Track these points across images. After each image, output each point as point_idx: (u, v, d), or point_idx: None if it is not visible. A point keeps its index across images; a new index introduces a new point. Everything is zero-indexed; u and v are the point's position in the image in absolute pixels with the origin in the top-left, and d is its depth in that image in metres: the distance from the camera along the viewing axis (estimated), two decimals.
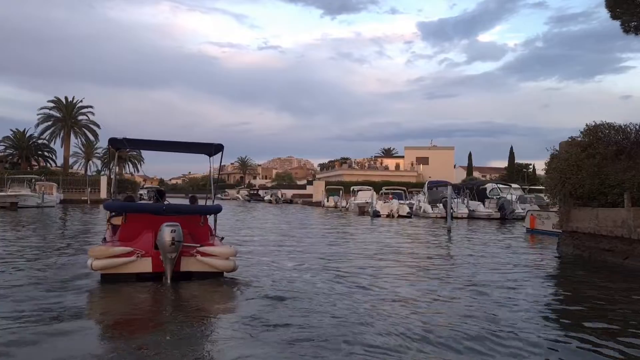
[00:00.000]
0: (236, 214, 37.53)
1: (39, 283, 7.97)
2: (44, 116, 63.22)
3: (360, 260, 11.51)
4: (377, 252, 13.22)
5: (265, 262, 10.92)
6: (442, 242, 17.06)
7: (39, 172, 54.03)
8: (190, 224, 8.41)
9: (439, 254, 13.56)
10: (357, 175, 68.01)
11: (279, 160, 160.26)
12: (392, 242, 16.39)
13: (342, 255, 12.44)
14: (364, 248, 14.32)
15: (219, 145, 9.49)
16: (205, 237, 8.63)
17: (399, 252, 13.72)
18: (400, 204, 35.07)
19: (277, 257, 11.89)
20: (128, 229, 8.32)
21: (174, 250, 7.56)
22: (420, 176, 71.40)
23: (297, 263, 10.95)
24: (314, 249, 13.87)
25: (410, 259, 12.09)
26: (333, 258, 11.87)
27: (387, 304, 6.97)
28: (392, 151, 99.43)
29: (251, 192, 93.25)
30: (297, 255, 12.20)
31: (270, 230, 21.29)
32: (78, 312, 6.26)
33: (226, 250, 8.20)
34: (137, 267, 7.81)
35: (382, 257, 12.23)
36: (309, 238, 17.41)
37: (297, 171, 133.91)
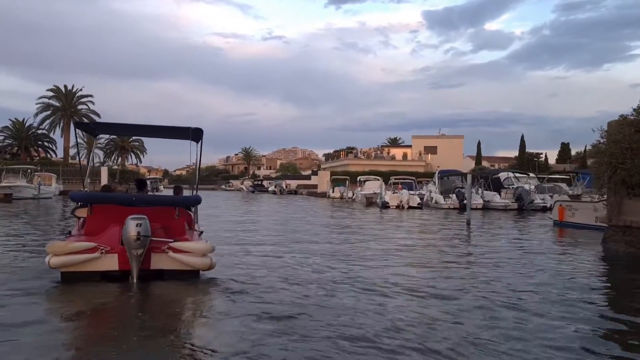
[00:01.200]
0: (238, 206, 36.08)
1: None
2: (43, 105, 61.92)
3: (375, 260, 9.97)
4: (393, 249, 11.68)
5: (255, 259, 9.86)
6: (462, 236, 15.50)
7: (37, 163, 52.63)
8: (164, 217, 7.64)
9: (465, 252, 12.00)
10: (364, 165, 66.40)
11: (283, 151, 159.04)
12: (406, 237, 14.85)
13: (352, 252, 10.89)
14: (377, 243, 12.77)
15: (198, 129, 8.55)
16: (181, 232, 7.75)
17: (417, 249, 12.17)
18: (411, 195, 33.42)
19: (271, 253, 10.61)
20: (94, 222, 7.53)
21: (139, 246, 6.79)
22: (428, 166, 69.69)
23: (294, 262, 9.53)
24: (317, 243, 12.35)
25: (432, 259, 10.52)
26: (341, 255, 10.37)
27: (410, 318, 5.43)
28: (398, 141, 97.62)
29: (255, 183, 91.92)
30: (295, 252, 10.74)
31: (270, 222, 19.78)
32: (24, 319, 5.40)
33: (201, 246, 7.30)
34: (102, 265, 6.99)
35: (400, 255, 10.68)
36: (312, 231, 15.89)
37: (301, 161, 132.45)
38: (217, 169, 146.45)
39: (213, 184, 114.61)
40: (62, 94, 62.59)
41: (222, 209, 30.98)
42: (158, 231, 7.29)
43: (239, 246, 11.87)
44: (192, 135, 8.82)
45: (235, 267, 8.95)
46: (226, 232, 15.35)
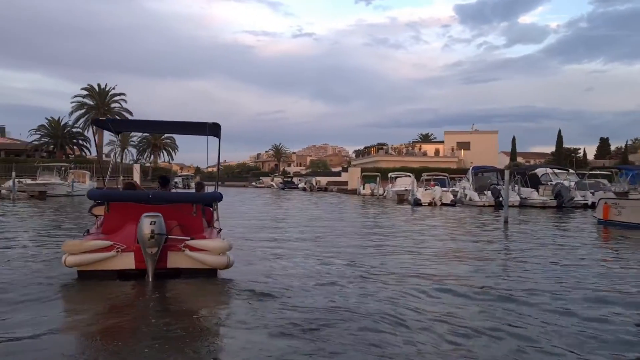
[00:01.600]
0: (267, 203, 35.79)
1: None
2: (77, 104, 63.00)
3: (410, 260, 9.35)
4: (429, 249, 11.02)
5: (281, 259, 9.42)
6: (500, 235, 14.72)
7: (72, 161, 53.50)
8: (181, 214, 7.45)
9: (505, 252, 11.27)
10: (394, 162, 65.43)
11: (313, 148, 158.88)
12: (442, 236, 14.14)
13: (385, 252, 10.29)
14: (411, 242, 12.13)
15: (215, 124, 8.39)
16: (198, 229, 7.55)
17: (454, 249, 11.46)
18: (444, 191, 32.49)
19: (297, 253, 10.16)
20: (111, 220, 7.41)
21: (154, 244, 6.63)
22: (461, 162, 68.26)
23: (318, 261, 9.05)
24: (348, 243, 11.78)
25: (470, 260, 9.82)
26: (372, 255, 9.77)
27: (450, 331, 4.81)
28: (430, 137, 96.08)
29: (285, 180, 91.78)
30: (322, 250, 10.19)
31: (298, 220, 19.29)
32: (37, 317, 5.34)
33: (218, 245, 7.07)
34: (118, 264, 6.88)
35: (436, 256, 10.03)
36: (342, 229, 15.33)
37: (331, 158, 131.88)
38: (248, 166, 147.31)
39: (244, 181, 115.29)
40: (95, 93, 63.62)
41: (251, 206, 30.70)
42: (175, 229, 7.11)
43: (263, 245, 11.45)
44: (209, 131, 8.62)
45: (258, 267, 8.56)
46: (252, 230, 14.97)
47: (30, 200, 32.02)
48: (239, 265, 8.09)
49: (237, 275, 7.54)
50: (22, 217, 19.58)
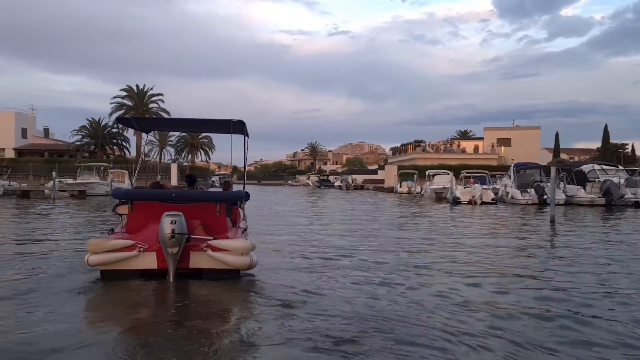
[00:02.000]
0: (301, 202, 35.39)
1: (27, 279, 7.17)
2: (116, 105, 64.18)
3: (452, 262, 8.69)
4: (473, 251, 10.33)
5: (311, 261, 8.90)
6: (547, 235, 13.84)
7: (109, 161, 54.47)
8: (204, 213, 7.34)
9: (556, 255, 10.46)
10: (432, 159, 64.06)
11: (350, 146, 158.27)
12: (485, 236, 13.36)
13: (424, 255, 9.65)
14: (452, 243, 11.43)
15: (239, 121, 8.23)
16: (222, 229, 7.40)
17: (500, 254, 10.71)
18: (484, 189, 31.38)
19: (330, 255, 9.63)
20: (135, 219, 7.34)
21: (174, 244, 6.50)
22: (501, 159, 66.36)
23: (351, 263, 8.47)
24: (385, 244, 11.17)
25: (521, 265, 9.09)
26: (411, 257, 9.14)
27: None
28: (469, 133, 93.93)
29: (321, 178, 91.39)
30: (355, 252, 9.62)
31: (333, 219, 18.75)
32: (58, 316, 5.34)
33: (241, 245, 6.94)
34: (140, 263, 6.83)
35: (481, 259, 9.34)
36: (379, 230, 14.71)
37: (368, 156, 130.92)
38: (284, 165, 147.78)
39: (280, 180, 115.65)
40: (134, 94, 64.71)
41: (285, 204, 30.38)
42: (198, 228, 7.03)
43: (292, 245, 10.99)
44: (233, 128, 8.47)
45: (287, 269, 8.11)
46: (282, 229, 14.51)
47: (70, 200, 32.58)
48: (266, 267, 7.89)
49: (263, 276, 7.32)
50: (58, 215, 19.73)
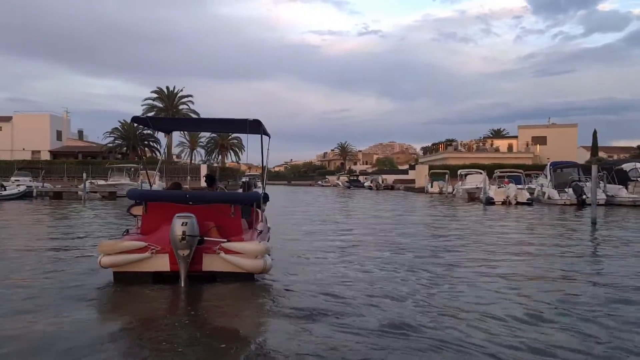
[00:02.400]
0: (329, 202, 34.83)
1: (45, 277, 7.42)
2: (147, 107, 64.89)
3: (488, 270, 8.01)
4: (509, 257, 9.60)
5: (335, 267, 8.41)
6: (589, 239, 12.95)
7: (140, 162, 54.99)
8: (218, 215, 7.24)
9: (598, 261, 9.64)
10: (464, 159, 62.64)
11: (380, 146, 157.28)
12: (522, 240, 12.57)
13: (458, 261, 8.98)
14: (488, 248, 10.70)
15: (256, 121, 8.06)
16: (237, 231, 7.27)
17: (539, 260, 9.95)
18: (519, 189, 30.23)
19: (355, 260, 9.11)
20: (150, 221, 7.28)
21: (185, 246, 6.36)
22: (537, 158, 64.39)
23: (378, 269, 7.98)
24: (415, 247, 10.52)
25: (564, 273, 8.34)
26: (444, 264, 8.51)
27: None
28: (502, 132, 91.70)
29: (351, 178, 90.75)
30: (383, 256, 9.03)
31: (362, 221, 18.13)
32: (69, 318, 5.31)
33: (254, 247, 6.72)
34: (153, 265, 6.73)
35: (519, 265, 8.63)
36: (409, 232, 14.04)
37: (398, 155, 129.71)
38: (314, 165, 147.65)
39: (310, 180, 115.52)
40: (164, 95, 65.31)
41: (313, 205, 29.89)
42: (212, 230, 6.93)
43: (316, 249, 10.47)
44: (249, 128, 8.31)
45: (309, 275, 7.62)
46: (307, 231, 13.99)
47: (101, 201, 32.85)
48: (287, 271, 7.75)
49: (283, 281, 7.11)
50: (88, 216, 19.71)
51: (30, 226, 16.11)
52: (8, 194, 32.99)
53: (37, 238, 12.59)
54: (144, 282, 6.64)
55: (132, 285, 6.59)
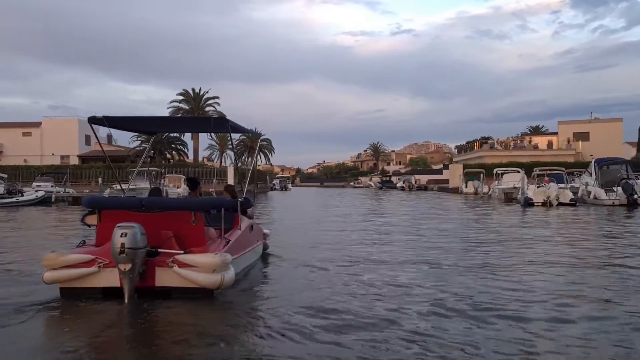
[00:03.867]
0: (359, 204, 32.80)
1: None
2: (173, 109, 64.28)
3: (530, 286, 6.02)
4: (553, 267, 7.54)
5: (341, 286, 7.02)
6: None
7: (162, 166, 54.42)
8: (177, 223, 6.67)
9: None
10: (501, 157, 59.69)
11: (415, 146, 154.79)
12: (567, 248, 10.40)
13: (489, 275, 6.99)
14: (528, 257, 8.63)
15: (220, 118, 7.83)
16: (199, 241, 6.65)
17: (594, 269, 7.83)
18: (561, 189, 27.61)
19: (365, 274, 7.78)
20: (104, 231, 6.66)
21: (125, 260, 5.83)
22: (578, 155, 60.90)
23: (393, 286, 6.66)
24: (438, 256, 8.55)
25: (618, 288, 6.26)
26: (468, 276, 6.57)
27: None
28: (540, 128, 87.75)
29: (383, 179, 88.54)
30: (400, 270, 7.20)
31: (388, 225, 16.14)
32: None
33: (208, 260, 6.12)
34: (101, 280, 6.22)
35: (565, 276, 6.60)
36: (435, 236, 12.02)
37: (432, 155, 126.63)
38: (347, 166, 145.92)
39: (342, 182, 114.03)
40: (190, 97, 64.58)
41: (340, 208, 27.97)
42: (169, 241, 6.40)
43: (321, 261, 8.83)
44: (214, 126, 7.92)
45: (307, 291, 6.71)
46: (316, 238, 12.13)
47: None
48: (268, 286, 7.28)
49: (256, 300, 6.50)
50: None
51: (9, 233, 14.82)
52: (25, 199, 32.42)
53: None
54: (94, 297, 6.09)
55: (80, 301, 6.02)
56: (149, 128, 9.92)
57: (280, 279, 7.72)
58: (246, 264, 7.77)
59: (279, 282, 7.48)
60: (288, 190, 77.78)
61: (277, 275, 7.99)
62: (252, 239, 8.33)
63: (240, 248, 7.36)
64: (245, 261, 7.67)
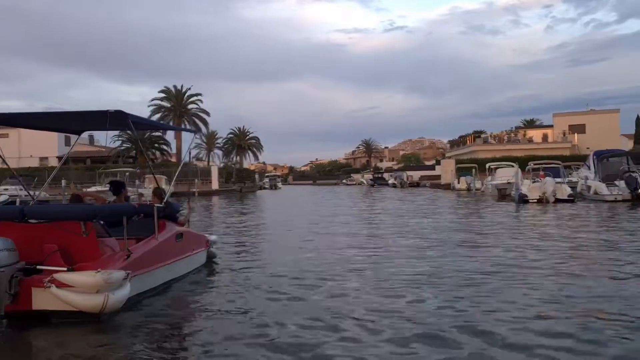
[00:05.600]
0: (346, 204, 30.65)
1: None
2: (155, 107, 62.17)
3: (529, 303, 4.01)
4: (556, 280, 5.56)
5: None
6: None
7: (145, 166, 52.19)
8: (65, 235, 5.78)
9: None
10: (495, 151, 57.77)
11: (409, 142, 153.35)
12: (572, 255, 8.36)
13: (482, 289, 4.95)
14: (524, 266, 6.61)
15: (118, 112, 6.31)
16: (91, 254, 5.75)
17: (600, 290, 5.81)
18: (558, 184, 25.54)
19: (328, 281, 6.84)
20: None
21: None
22: (574, 147, 59.08)
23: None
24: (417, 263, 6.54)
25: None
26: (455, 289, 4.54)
27: None
28: (535, 122, 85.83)
29: (375, 176, 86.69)
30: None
31: (372, 225, 14.08)
32: None
33: (87, 279, 5.27)
34: None
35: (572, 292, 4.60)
36: (415, 241, 9.96)
37: (425, 151, 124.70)
38: (339, 164, 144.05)
39: (335, 179, 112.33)
40: (172, 95, 62.34)
41: (326, 207, 25.88)
42: (53, 256, 5.62)
43: (271, 276, 7.43)
44: (110, 122, 6.78)
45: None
46: (276, 246, 10.08)
47: None
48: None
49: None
50: None
51: None
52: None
53: None
54: None
55: None
56: (40, 124, 8.72)
57: (207, 297, 6.60)
58: (166, 279, 6.95)
59: (203, 301, 6.37)
60: (278, 189, 75.74)
61: (205, 293, 6.89)
62: (179, 249, 7.49)
63: (153, 261, 6.60)
64: (162, 276, 6.84)
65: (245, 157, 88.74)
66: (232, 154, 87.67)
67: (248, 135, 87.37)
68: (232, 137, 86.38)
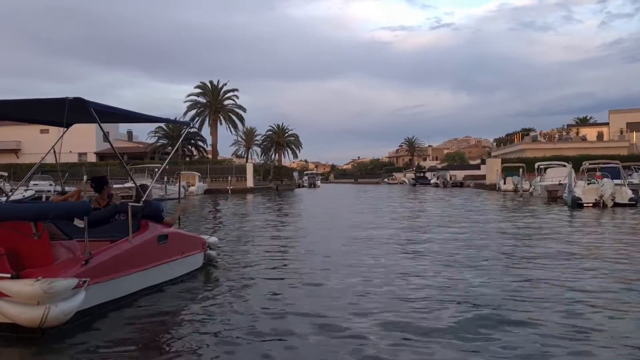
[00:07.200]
0: (382, 204, 28.52)
1: None
2: (191, 103, 61.62)
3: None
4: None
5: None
6: None
7: (177, 162, 51.63)
8: (13, 237, 5.24)
9: None
10: (544, 150, 54.29)
11: (455, 141, 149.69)
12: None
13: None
14: (580, 287, 4.57)
15: (78, 99, 5.60)
16: (43, 259, 5.26)
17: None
18: (617, 186, 22.76)
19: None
20: None
21: None
22: (633, 147, 54.83)
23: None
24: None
25: None
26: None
27: None
28: (589, 120, 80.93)
29: (417, 175, 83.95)
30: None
31: (406, 230, 12.09)
32: None
33: (24, 289, 4.72)
34: None
35: None
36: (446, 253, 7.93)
37: (470, 150, 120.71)
38: (382, 162, 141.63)
39: (377, 178, 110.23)
40: (208, 90, 61.59)
41: (358, 207, 23.94)
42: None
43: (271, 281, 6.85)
44: (68, 113, 5.67)
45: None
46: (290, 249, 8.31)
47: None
48: None
49: None
50: None
51: None
52: (11, 200, 29.71)
53: None
54: None
55: None
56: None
57: (186, 305, 6.05)
58: (143, 285, 6.34)
59: (183, 312, 5.82)
60: (316, 187, 74.31)
61: (184, 301, 6.27)
62: (163, 252, 6.89)
63: (124, 266, 6.02)
64: (137, 282, 6.23)
65: (284, 154, 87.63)
66: (271, 152, 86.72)
67: (287, 132, 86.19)
68: (270, 134, 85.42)
